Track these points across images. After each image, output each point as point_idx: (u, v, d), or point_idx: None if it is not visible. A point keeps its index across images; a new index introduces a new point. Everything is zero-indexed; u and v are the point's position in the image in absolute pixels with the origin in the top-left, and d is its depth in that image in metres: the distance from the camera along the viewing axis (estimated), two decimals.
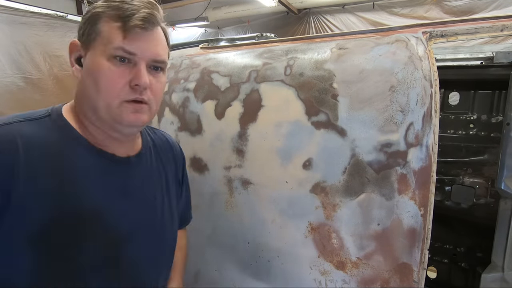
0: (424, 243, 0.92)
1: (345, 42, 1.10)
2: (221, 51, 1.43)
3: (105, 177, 0.71)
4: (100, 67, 0.65)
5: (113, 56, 0.65)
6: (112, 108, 0.67)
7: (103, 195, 0.70)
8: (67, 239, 0.64)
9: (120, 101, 0.67)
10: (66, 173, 0.65)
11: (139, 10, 0.65)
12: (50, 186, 0.62)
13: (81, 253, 0.66)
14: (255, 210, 1.18)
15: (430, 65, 0.94)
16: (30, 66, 2.40)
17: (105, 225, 0.69)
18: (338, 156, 1.01)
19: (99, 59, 0.65)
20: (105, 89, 0.65)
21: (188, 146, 1.34)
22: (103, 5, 0.67)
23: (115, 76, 0.65)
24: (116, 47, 0.64)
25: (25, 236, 0.60)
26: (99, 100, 0.66)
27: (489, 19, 0.98)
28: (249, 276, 1.22)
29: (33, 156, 0.61)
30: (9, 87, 2.25)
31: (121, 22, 0.64)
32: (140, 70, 0.67)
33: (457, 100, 1.83)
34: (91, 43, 0.66)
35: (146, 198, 0.79)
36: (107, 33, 0.65)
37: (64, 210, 0.64)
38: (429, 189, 0.92)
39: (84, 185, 0.67)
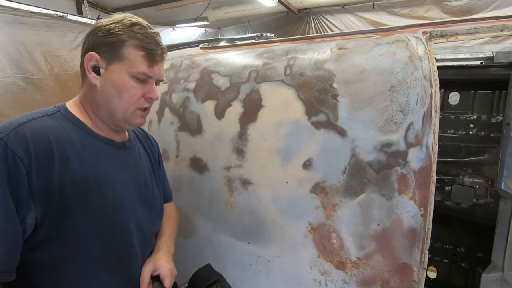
0: (424, 243, 0.92)
1: (345, 42, 1.10)
2: (221, 51, 1.44)
3: (110, 155, 0.90)
4: (125, 83, 0.85)
5: (136, 77, 0.85)
6: (128, 113, 0.88)
7: (111, 167, 0.89)
8: (78, 199, 0.79)
9: (135, 108, 0.88)
10: (83, 153, 0.82)
11: (158, 46, 0.86)
12: (71, 162, 0.79)
13: (90, 211, 0.81)
14: (255, 210, 1.18)
15: (430, 65, 0.94)
16: (30, 66, 2.40)
17: (113, 189, 0.87)
18: (338, 156, 1.01)
19: (123, 76, 0.85)
20: (127, 100, 0.86)
21: (188, 146, 1.34)
22: (126, 33, 0.84)
23: (135, 91, 0.87)
24: (141, 72, 0.85)
25: (45, 192, 0.74)
26: (119, 106, 0.86)
27: (489, 19, 0.98)
28: (249, 276, 1.23)
29: (60, 142, 0.78)
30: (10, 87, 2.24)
31: (145, 52, 0.85)
32: (153, 88, 0.89)
33: (457, 100, 1.83)
34: (115, 61, 0.84)
35: (139, 174, 0.98)
36: (133, 59, 0.84)
37: (85, 175, 0.81)
38: (429, 189, 0.92)
39: (96, 160, 0.85)
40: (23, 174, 0.71)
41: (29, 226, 0.73)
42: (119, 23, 0.85)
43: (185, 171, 1.34)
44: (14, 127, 0.74)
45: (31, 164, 0.72)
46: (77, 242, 0.80)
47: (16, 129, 0.74)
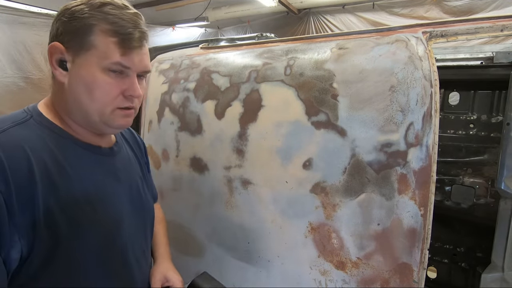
0: (424, 243, 0.92)
1: (345, 42, 1.10)
2: (221, 51, 1.44)
3: (98, 165, 0.78)
4: (96, 79, 0.69)
5: (108, 69, 0.69)
6: (105, 115, 0.72)
7: (101, 180, 0.77)
8: (71, 223, 0.68)
9: (113, 108, 0.73)
10: (68, 167, 0.70)
11: (135, 29, 0.70)
12: (55, 179, 0.66)
13: (82, 238, 0.70)
14: (255, 210, 1.18)
15: (430, 65, 0.94)
16: (30, 66, 2.40)
17: (107, 205, 0.76)
18: (338, 156, 1.01)
19: (93, 70, 0.69)
20: (100, 98, 0.70)
21: (188, 146, 1.34)
22: (93, 15, 0.68)
23: (110, 87, 0.71)
24: (114, 62, 0.69)
25: (30, 222, 0.63)
26: (92, 107, 0.71)
27: (489, 19, 0.98)
28: (249, 276, 1.22)
29: (40, 158, 0.65)
30: (10, 87, 2.25)
31: (117, 38, 0.68)
32: (133, 83, 0.73)
33: (457, 100, 1.83)
34: (82, 52, 0.69)
35: (131, 181, 0.87)
36: (104, 47, 0.68)
37: (73, 195, 0.69)
38: (429, 189, 0.92)
39: (84, 174, 0.73)
40: (1, 204, 0.58)
41: (14, 261, 0.61)
42: (86, 3, 0.69)
43: (185, 171, 1.34)
44: None
45: (10, 192, 0.59)
46: (74, 266, 0.70)
47: None
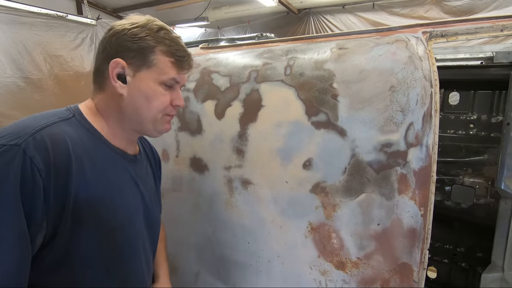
0: (424, 243, 0.92)
1: (345, 42, 1.10)
2: (221, 51, 1.44)
3: (122, 168, 0.86)
4: (155, 91, 0.82)
5: (164, 83, 0.82)
6: (156, 120, 0.85)
7: (123, 181, 0.85)
8: (93, 217, 0.74)
9: (162, 115, 0.85)
10: (98, 163, 0.78)
11: (186, 52, 0.84)
12: (87, 174, 0.74)
13: (98, 233, 0.76)
14: (255, 210, 1.18)
15: (430, 65, 0.94)
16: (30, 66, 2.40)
17: (124, 204, 0.83)
18: (338, 156, 1.01)
19: (152, 84, 0.81)
20: (156, 108, 0.83)
21: (188, 146, 1.34)
22: (154, 38, 0.80)
23: (165, 98, 0.84)
24: (171, 78, 0.83)
25: (60, 209, 0.68)
26: (149, 114, 0.83)
27: (489, 19, 0.98)
28: (249, 276, 1.22)
29: (77, 152, 0.73)
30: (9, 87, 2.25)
31: (174, 59, 0.82)
32: (179, 94, 0.87)
33: (457, 100, 1.83)
34: (143, 68, 0.80)
35: (147, 191, 0.94)
36: (163, 66, 0.81)
37: (98, 188, 0.76)
38: (429, 189, 0.92)
39: (109, 172, 0.81)
40: (40, 188, 0.64)
41: (36, 246, 0.67)
42: (144, 27, 0.80)
43: (185, 171, 1.34)
44: (32, 132, 0.67)
45: (50, 177, 0.65)
46: (85, 259, 0.74)
47: (35, 135, 0.66)
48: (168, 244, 1.17)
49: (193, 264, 1.36)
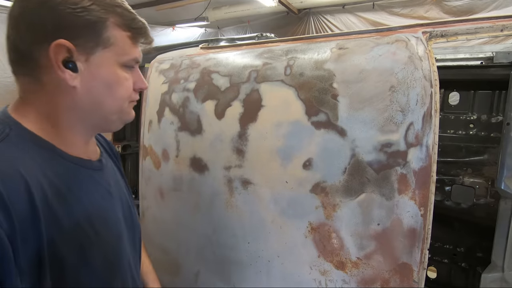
0: (424, 243, 0.92)
1: (345, 42, 1.10)
2: (221, 51, 1.44)
3: (93, 183, 0.71)
4: (118, 76, 0.67)
5: (125, 65, 0.68)
6: (123, 110, 0.72)
7: (98, 199, 0.71)
8: (77, 251, 0.62)
9: (128, 103, 0.73)
10: (63, 190, 0.62)
11: (141, 21, 0.69)
12: (55, 207, 0.59)
13: (88, 262, 0.65)
14: (255, 210, 1.18)
15: (430, 65, 0.94)
16: None
17: (107, 226, 0.71)
18: (338, 156, 1.01)
19: (114, 68, 0.67)
20: (122, 96, 0.69)
21: (188, 146, 1.34)
22: (100, 7, 0.62)
23: (128, 83, 0.70)
24: (133, 59, 0.69)
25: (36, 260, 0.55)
26: (113, 105, 0.69)
27: (489, 19, 0.98)
28: (249, 276, 1.23)
29: (36, 182, 0.57)
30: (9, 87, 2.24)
31: (131, 33, 0.67)
32: (141, 75, 0.74)
33: (457, 100, 1.83)
34: (98, 49, 0.63)
35: (121, 195, 0.81)
36: (121, 43, 0.66)
37: (72, 224, 0.61)
38: (429, 189, 0.92)
39: (80, 196, 0.66)
40: (5, 246, 0.49)
41: None
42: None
43: (185, 171, 1.34)
44: None
45: (14, 231, 0.50)
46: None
47: None
48: (168, 244, 1.17)
49: (193, 264, 1.36)
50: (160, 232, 1.49)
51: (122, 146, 2.88)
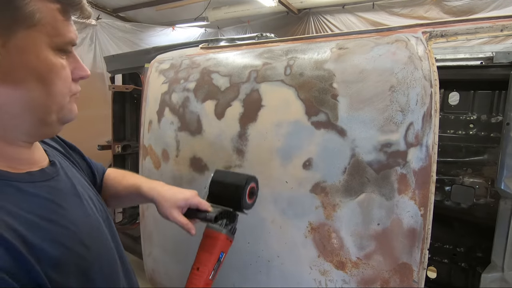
0: (424, 243, 0.92)
1: (345, 42, 1.10)
2: (221, 51, 1.43)
3: (56, 195, 0.59)
4: (52, 64, 0.51)
5: (59, 49, 0.52)
6: (64, 108, 0.56)
7: (71, 210, 0.59)
8: (76, 274, 0.55)
9: (69, 97, 0.57)
10: (33, 219, 0.51)
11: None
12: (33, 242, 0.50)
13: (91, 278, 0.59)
14: (255, 210, 1.18)
15: (430, 65, 0.94)
16: None
17: (92, 235, 0.63)
18: (338, 156, 1.01)
19: (45, 53, 0.50)
20: (59, 88, 0.53)
21: (188, 146, 1.34)
22: None
23: (67, 72, 0.55)
24: (68, 40, 0.53)
25: None
26: (50, 103, 0.53)
27: (489, 19, 0.98)
28: (249, 276, 1.22)
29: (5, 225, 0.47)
30: None
31: (60, 4, 0.51)
32: (79, 61, 0.57)
33: (457, 100, 1.83)
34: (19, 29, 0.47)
35: (87, 192, 0.71)
36: (51, 20, 0.50)
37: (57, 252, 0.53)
38: (429, 189, 0.92)
39: (52, 218, 0.55)
40: None
41: None
42: None
43: (185, 171, 1.34)
44: None
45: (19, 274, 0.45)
46: None
47: None
48: (167, 244, 1.17)
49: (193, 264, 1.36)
50: (159, 232, 1.49)
51: (122, 146, 2.88)
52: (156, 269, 1.55)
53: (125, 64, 2.66)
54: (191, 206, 0.88)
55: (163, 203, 0.85)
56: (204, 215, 0.88)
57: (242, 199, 0.89)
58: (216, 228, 0.86)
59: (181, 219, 0.85)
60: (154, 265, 1.55)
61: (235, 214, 0.91)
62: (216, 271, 0.87)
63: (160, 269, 1.53)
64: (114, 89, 2.78)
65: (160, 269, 1.53)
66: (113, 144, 2.82)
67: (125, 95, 2.94)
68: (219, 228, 0.85)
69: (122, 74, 2.97)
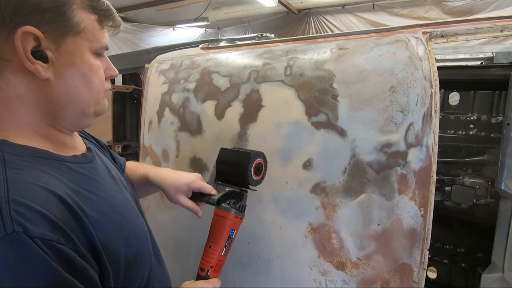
0: (424, 244, 0.92)
1: (345, 42, 1.10)
2: (221, 51, 1.44)
3: (97, 174, 0.68)
4: (92, 66, 0.63)
5: (96, 53, 0.64)
6: (99, 102, 0.68)
7: (111, 188, 0.69)
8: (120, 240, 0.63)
9: (103, 93, 0.69)
10: (85, 193, 0.61)
11: (110, 7, 0.65)
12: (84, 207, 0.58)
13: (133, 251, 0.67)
14: (255, 210, 1.18)
15: (430, 66, 0.94)
16: None
17: (131, 213, 0.71)
18: (338, 156, 1.01)
19: (87, 56, 0.62)
20: (98, 86, 0.65)
21: (188, 146, 1.34)
22: None
23: (102, 72, 0.66)
24: (104, 46, 0.65)
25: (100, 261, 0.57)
26: (90, 97, 0.65)
27: (489, 19, 0.98)
28: (249, 276, 1.22)
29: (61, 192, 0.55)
30: None
31: (97, 15, 0.62)
32: (109, 62, 0.69)
33: (457, 101, 1.83)
34: (68, 36, 0.58)
35: (120, 178, 0.80)
36: (91, 28, 0.61)
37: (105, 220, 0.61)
38: (429, 189, 0.92)
39: (99, 193, 0.64)
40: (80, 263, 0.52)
41: None
42: None
43: (185, 171, 1.34)
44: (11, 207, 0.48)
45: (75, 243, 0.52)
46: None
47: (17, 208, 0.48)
48: (168, 245, 1.17)
49: (193, 264, 1.36)
50: (160, 233, 1.49)
51: (122, 146, 2.89)
52: None
53: (125, 64, 2.67)
54: (194, 190, 0.90)
55: (168, 189, 0.91)
56: (207, 198, 0.89)
57: (247, 177, 0.88)
58: (224, 208, 0.88)
59: (187, 203, 0.90)
60: None
61: (242, 193, 0.91)
62: (229, 247, 0.92)
63: None
64: (114, 89, 2.78)
65: None
66: (113, 144, 2.83)
67: (125, 95, 2.94)
68: (227, 208, 0.88)
69: (122, 74, 2.98)
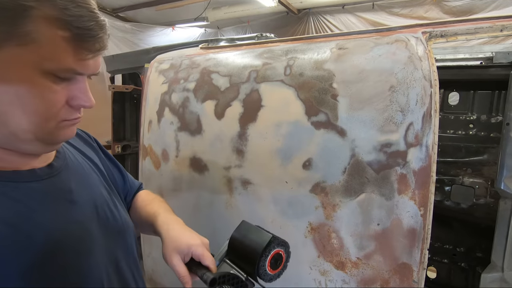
0: (424, 243, 0.92)
1: (345, 42, 1.10)
2: (221, 51, 1.43)
3: (42, 198, 0.58)
4: (34, 85, 0.50)
5: (53, 74, 0.51)
6: (44, 130, 0.54)
7: (54, 217, 0.58)
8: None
9: (57, 122, 0.55)
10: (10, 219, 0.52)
11: (95, 21, 0.51)
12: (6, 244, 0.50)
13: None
14: (255, 210, 1.18)
15: (429, 65, 0.94)
16: None
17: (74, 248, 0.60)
18: (338, 156, 1.01)
19: (30, 74, 0.49)
20: (37, 110, 0.51)
21: (188, 146, 1.34)
22: None
23: (55, 97, 0.52)
24: (66, 69, 0.51)
25: None
26: (24, 121, 0.52)
27: (488, 19, 0.98)
28: None
29: None
30: None
31: (71, 33, 0.49)
32: (85, 90, 0.56)
33: (457, 100, 1.83)
34: (6, 43, 0.47)
35: (93, 198, 0.69)
36: (50, 45, 0.49)
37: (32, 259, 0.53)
38: (429, 189, 0.92)
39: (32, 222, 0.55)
40: None
41: None
42: None
43: (185, 171, 1.34)
44: None
45: None
46: None
47: None
48: None
49: None
50: None
51: (122, 146, 2.88)
52: (156, 269, 1.55)
53: (125, 64, 2.66)
54: (193, 255, 0.75)
55: (167, 244, 0.77)
56: (202, 272, 0.72)
57: (259, 267, 0.69)
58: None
59: (178, 268, 0.73)
60: (154, 265, 1.55)
61: (246, 283, 0.70)
62: None
63: (160, 270, 1.53)
64: (114, 89, 2.78)
65: (159, 270, 1.53)
66: (112, 144, 2.82)
67: (125, 95, 2.94)
68: None
69: (122, 74, 2.97)
